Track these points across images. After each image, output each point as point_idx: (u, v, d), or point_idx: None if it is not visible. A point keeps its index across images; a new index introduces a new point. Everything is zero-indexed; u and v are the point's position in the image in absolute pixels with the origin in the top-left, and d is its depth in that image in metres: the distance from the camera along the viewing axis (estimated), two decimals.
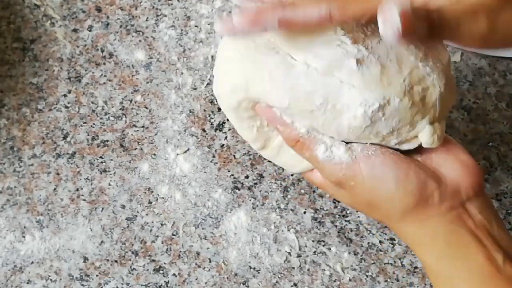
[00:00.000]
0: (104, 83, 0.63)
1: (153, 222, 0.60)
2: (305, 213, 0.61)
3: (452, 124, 0.63)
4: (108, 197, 0.61)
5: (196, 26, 0.65)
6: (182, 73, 0.64)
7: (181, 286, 0.59)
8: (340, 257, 0.60)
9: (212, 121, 0.62)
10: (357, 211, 0.60)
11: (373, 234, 0.60)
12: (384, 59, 0.44)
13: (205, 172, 0.61)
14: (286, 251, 0.60)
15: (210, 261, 0.59)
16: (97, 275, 0.59)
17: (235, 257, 0.60)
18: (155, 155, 0.62)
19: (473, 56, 0.65)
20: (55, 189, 0.61)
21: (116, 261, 0.59)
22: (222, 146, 0.62)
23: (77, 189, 0.61)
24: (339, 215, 0.61)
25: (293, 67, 0.45)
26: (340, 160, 0.45)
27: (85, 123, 0.62)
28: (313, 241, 0.60)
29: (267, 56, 0.45)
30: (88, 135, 0.62)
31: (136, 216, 0.60)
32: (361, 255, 0.60)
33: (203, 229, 0.60)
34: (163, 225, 0.60)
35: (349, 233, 0.60)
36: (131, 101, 0.63)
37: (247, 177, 0.61)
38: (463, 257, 0.45)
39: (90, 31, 0.64)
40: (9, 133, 0.62)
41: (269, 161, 0.61)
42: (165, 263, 0.59)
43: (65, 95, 0.63)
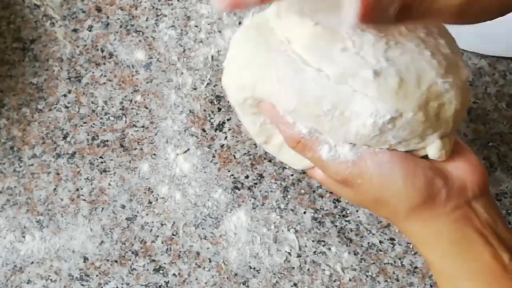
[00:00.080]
0: (104, 83, 0.63)
1: (153, 222, 0.60)
2: (305, 213, 0.61)
3: None
4: (108, 197, 0.61)
5: (196, 26, 0.65)
6: (182, 73, 0.64)
7: (181, 286, 0.59)
8: (340, 257, 0.60)
9: (212, 121, 0.62)
10: (360, 208, 0.60)
11: (373, 234, 0.60)
12: (403, 72, 0.44)
13: (205, 172, 0.61)
14: (286, 251, 0.60)
15: (210, 261, 0.59)
16: (97, 275, 0.59)
17: (235, 257, 0.60)
18: (155, 155, 0.62)
19: (473, 56, 0.65)
20: (55, 189, 0.61)
21: (116, 261, 0.59)
22: (222, 146, 0.62)
23: (77, 189, 0.61)
24: (339, 215, 0.61)
25: (303, 71, 0.44)
26: (345, 158, 0.45)
27: (85, 123, 0.62)
28: (313, 241, 0.60)
29: (278, 57, 0.45)
30: (88, 135, 0.62)
31: (136, 216, 0.60)
32: (361, 255, 0.60)
33: (203, 229, 0.60)
34: (163, 225, 0.60)
35: (349, 233, 0.60)
36: (131, 101, 0.63)
37: (247, 177, 0.61)
38: (469, 256, 0.44)
39: (90, 31, 0.64)
40: (9, 133, 0.62)
41: (269, 161, 0.61)
42: (165, 263, 0.59)
43: (65, 95, 0.63)
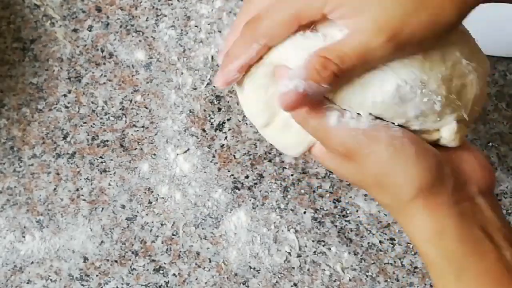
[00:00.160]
0: (104, 83, 0.63)
1: (153, 222, 0.60)
2: (305, 213, 0.61)
3: None
4: (108, 197, 0.61)
5: (196, 26, 0.65)
6: (182, 73, 0.64)
7: (181, 286, 0.59)
8: (340, 257, 0.60)
9: (212, 121, 0.62)
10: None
11: (373, 234, 0.60)
12: (428, 47, 0.43)
13: (205, 172, 0.61)
14: (286, 251, 0.60)
15: (210, 261, 0.59)
16: (97, 275, 0.59)
17: (235, 257, 0.60)
18: (155, 155, 0.62)
19: None
20: (55, 189, 0.61)
21: (116, 261, 0.59)
22: (222, 146, 0.62)
23: (77, 189, 0.61)
24: (339, 215, 0.61)
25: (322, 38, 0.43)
26: (357, 125, 0.43)
27: (85, 123, 0.62)
28: (313, 241, 0.60)
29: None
30: (88, 135, 0.62)
31: (136, 216, 0.60)
32: (361, 255, 0.60)
33: (203, 229, 0.60)
34: (163, 225, 0.60)
35: (349, 233, 0.60)
36: (131, 101, 0.63)
37: (247, 177, 0.61)
38: (475, 255, 0.43)
39: (90, 31, 0.64)
40: (9, 133, 0.62)
41: (269, 161, 0.61)
42: (165, 263, 0.59)
43: (65, 95, 0.63)
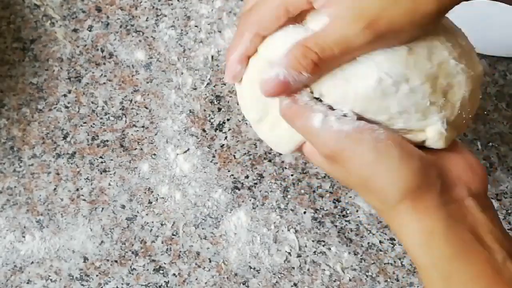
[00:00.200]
0: (104, 83, 0.63)
1: (153, 222, 0.60)
2: (305, 213, 0.61)
3: None
4: (108, 197, 0.61)
5: (196, 26, 0.65)
6: (182, 73, 0.64)
7: (181, 286, 0.59)
8: (340, 257, 0.60)
9: (212, 121, 0.62)
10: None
11: (373, 234, 0.60)
12: (414, 44, 0.43)
13: (205, 172, 0.61)
14: (286, 251, 0.60)
15: (210, 261, 0.59)
16: (97, 275, 0.59)
17: (235, 257, 0.60)
18: (155, 155, 0.62)
19: None
20: (55, 189, 0.61)
21: (116, 261, 0.59)
22: (222, 146, 0.62)
23: (77, 189, 0.61)
24: (339, 215, 0.61)
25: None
26: (341, 127, 0.42)
27: (85, 123, 0.62)
28: (313, 241, 0.60)
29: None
30: (88, 135, 0.62)
31: (136, 216, 0.60)
32: (361, 255, 0.60)
33: (203, 229, 0.60)
34: (163, 225, 0.60)
35: (349, 233, 0.60)
36: (131, 101, 0.63)
37: (247, 177, 0.61)
38: (465, 258, 0.42)
39: (90, 31, 0.64)
40: (9, 133, 0.62)
41: (269, 161, 0.61)
42: (165, 263, 0.59)
43: (65, 95, 0.63)
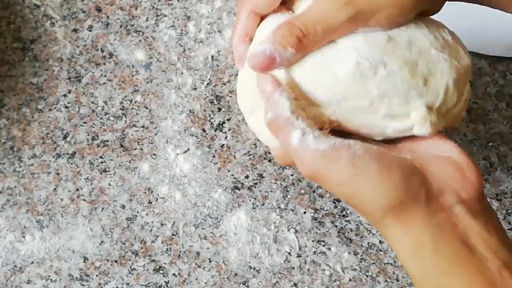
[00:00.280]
0: (104, 83, 0.63)
1: (153, 222, 0.60)
2: (305, 213, 0.61)
3: None
4: (108, 197, 0.61)
5: (196, 26, 0.65)
6: (182, 73, 0.64)
7: (181, 286, 0.59)
8: (340, 257, 0.60)
9: (212, 121, 0.62)
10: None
11: (373, 234, 0.60)
12: (394, 34, 0.43)
13: (205, 172, 0.61)
14: (286, 251, 0.60)
15: (210, 261, 0.59)
16: (97, 275, 0.59)
17: (235, 257, 0.60)
18: (155, 155, 0.62)
19: (473, 56, 0.65)
20: (55, 189, 0.61)
21: (116, 261, 0.59)
22: (222, 146, 0.62)
23: (77, 189, 0.61)
24: (339, 215, 0.61)
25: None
26: (317, 146, 0.41)
27: (85, 123, 0.62)
28: (313, 241, 0.60)
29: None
30: (88, 135, 0.62)
31: (136, 216, 0.60)
32: (361, 255, 0.60)
33: (203, 229, 0.60)
34: (163, 225, 0.60)
35: (349, 233, 0.60)
36: (131, 101, 0.63)
37: (247, 177, 0.61)
38: (452, 270, 0.40)
39: (90, 31, 0.64)
40: (9, 133, 0.62)
41: (269, 161, 0.61)
42: (165, 263, 0.59)
43: (65, 95, 0.63)
